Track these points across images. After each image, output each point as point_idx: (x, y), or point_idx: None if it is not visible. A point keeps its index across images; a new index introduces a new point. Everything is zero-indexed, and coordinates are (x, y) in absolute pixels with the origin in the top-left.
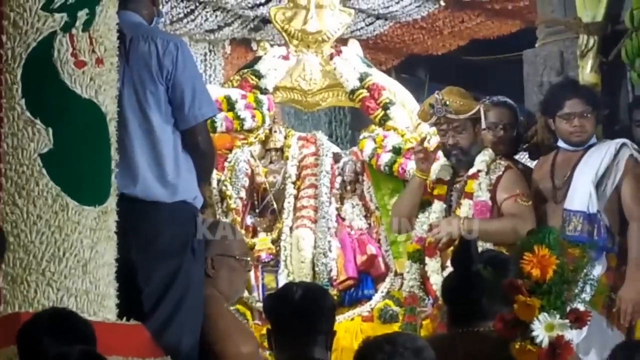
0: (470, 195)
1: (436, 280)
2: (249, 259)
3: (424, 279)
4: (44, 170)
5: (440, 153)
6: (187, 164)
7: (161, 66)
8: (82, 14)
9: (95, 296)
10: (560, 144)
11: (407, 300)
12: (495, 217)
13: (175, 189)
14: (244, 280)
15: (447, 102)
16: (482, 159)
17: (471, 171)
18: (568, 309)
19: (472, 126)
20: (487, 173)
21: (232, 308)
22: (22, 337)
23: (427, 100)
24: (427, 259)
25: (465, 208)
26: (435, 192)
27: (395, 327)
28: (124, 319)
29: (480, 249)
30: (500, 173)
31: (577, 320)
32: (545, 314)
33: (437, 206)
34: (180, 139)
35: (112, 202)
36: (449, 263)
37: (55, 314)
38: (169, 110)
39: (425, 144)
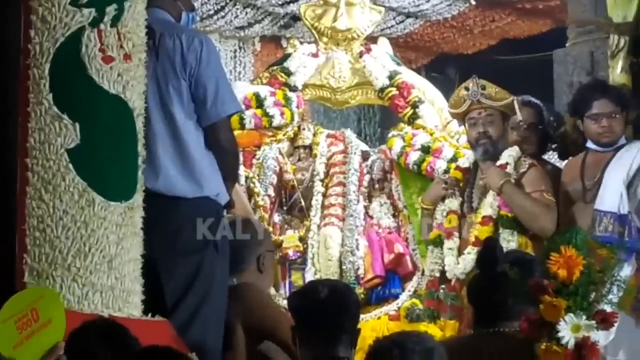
0: None
1: (450, 262)
2: (275, 251)
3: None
4: (70, 166)
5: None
6: (210, 160)
7: (185, 62)
8: (111, 10)
9: (121, 292)
10: (589, 144)
11: (428, 284)
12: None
13: (197, 184)
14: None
15: (484, 86)
16: (510, 154)
17: (498, 163)
18: (595, 310)
19: (502, 120)
20: (513, 167)
21: None
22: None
23: (463, 84)
24: (445, 241)
25: (489, 199)
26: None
27: (421, 327)
28: (149, 315)
29: (504, 249)
30: (525, 170)
31: (604, 321)
32: (572, 315)
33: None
34: (203, 135)
35: (138, 198)
36: (466, 250)
37: (108, 326)
38: (192, 106)
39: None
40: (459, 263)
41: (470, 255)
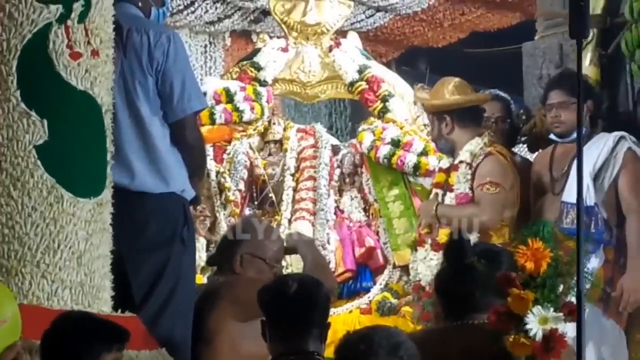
0: (451, 188)
1: (421, 270)
2: (279, 265)
3: None
4: (39, 162)
5: None
6: (176, 156)
7: (152, 58)
8: (78, 6)
9: (90, 288)
10: (551, 135)
11: (413, 289)
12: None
13: (163, 180)
14: None
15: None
16: (468, 149)
17: (456, 162)
18: (562, 302)
19: (436, 121)
20: (471, 162)
21: None
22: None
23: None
24: (417, 249)
25: (448, 200)
26: (435, 181)
27: (393, 320)
28: (119, 311)
29: (472, 242)
30: (480, 160)
31: (571, 313)
32: (539, 307)
33: (432, 195)
34: (169, 132)
35: (107, 195)
36: (429, 257)
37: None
38: (158, 102)
39: None
40: (427, 271)
41: (434, 261)
